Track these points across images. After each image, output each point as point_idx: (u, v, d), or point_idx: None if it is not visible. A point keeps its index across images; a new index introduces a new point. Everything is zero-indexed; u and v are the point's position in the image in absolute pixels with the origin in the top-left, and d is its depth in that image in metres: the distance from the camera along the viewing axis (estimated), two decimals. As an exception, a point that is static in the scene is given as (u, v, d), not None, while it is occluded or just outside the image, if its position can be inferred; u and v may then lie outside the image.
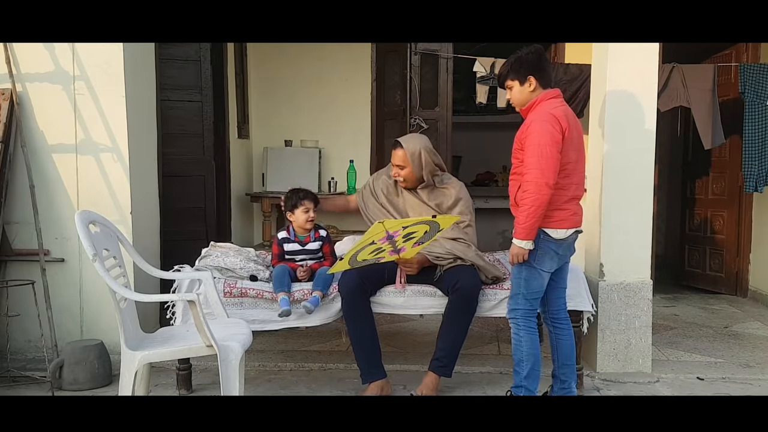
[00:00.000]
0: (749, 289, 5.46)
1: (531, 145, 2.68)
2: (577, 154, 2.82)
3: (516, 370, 2.90)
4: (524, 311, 2.86)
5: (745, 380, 3.47)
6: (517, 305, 2.87)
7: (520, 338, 2.86)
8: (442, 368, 3.12)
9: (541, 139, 2.67)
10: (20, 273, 3.55)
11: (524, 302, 2.86)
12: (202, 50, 4.34)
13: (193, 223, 4.33)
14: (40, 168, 3.55)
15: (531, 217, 2.68)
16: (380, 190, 3.43)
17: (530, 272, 2.82)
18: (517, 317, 2.87)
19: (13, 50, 3.53)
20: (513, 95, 2.88)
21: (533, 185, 2.65)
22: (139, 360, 2.48)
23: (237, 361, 2.54)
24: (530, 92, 2.82)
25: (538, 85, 2.81)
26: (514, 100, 2.89)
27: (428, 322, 3.89)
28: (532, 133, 2.70)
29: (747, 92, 4.84)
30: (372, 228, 2.89)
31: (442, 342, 3.13)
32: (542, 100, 2.79)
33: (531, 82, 2.80)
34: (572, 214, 2.83)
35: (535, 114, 2.76)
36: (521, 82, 2.82)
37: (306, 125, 5.80)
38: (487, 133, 8.03)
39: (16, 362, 3.51)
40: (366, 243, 2.93)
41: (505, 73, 2.88)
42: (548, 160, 2.65)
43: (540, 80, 2.81)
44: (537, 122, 2.71)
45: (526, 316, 2.86)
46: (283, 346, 3.95)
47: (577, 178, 2.84)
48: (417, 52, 4.98)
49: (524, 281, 2.84)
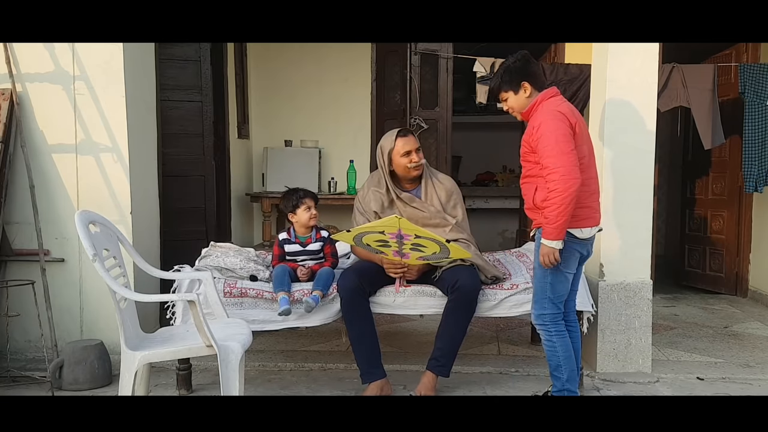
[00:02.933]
0: (749, 289, 5.46)
1: (547, 144, 2.65)
2: (588, 148, 2.81)
3: (555, 375, 2.87)
4: (552, 315, 2.83)
5: (745, 380, 3.47)
6: (545, 309, 2.84)
7: (553, 343, 2.84)
8: (440, 368, 3.12)
9: (556, 136, 2.64)
10: (20, 273, 3.55)
11: (551, 306, 2.83)
12: (202, 50, 4.34)
13: (193, 223, 4.33)
14: (40, 168, 3.55)
15: (562, 215, 2.63)
16: (372, 210, 3.28)
17: (556, 276, 2.80)
18: (547, 322, 2.84)
19: (13, 50, 3.53)
20: (510, 105, 2.87)
21: (560, 183, 2.61)
22: (139, 360, 2.48)
23: (237, 361, 2.54)
24: (526, 98, 2.81)
25: (533, 89, 2.80)
26: (512, 108, 2.87)
27: (428, 322, 3.88)
28: (545, 133, 2.67)
29: (747, 92, 4.84)
30: (387, 219, 2.87)
31: (440, 341, 3.13)
32: (542, 100, 2.78)
33: (525, 88, 2.80)
34: (594, 212, 2.82)
35: (540, 114, 2.74)
36: (515, 91, 2.82)
37: (306, 125, 5.81)
38: (487, 133, 8.04)
39: (16, 362, 3.51)
40: (376, 229, 2.91)
41: (497, 86, 2.87)
42: (568, 155, 2.63)
43: (534, 84, 2.81)
44: (546, 121, 2.69)
45: (555, 320, 2.84)
46: (283, 346, 3.95)
47: (593, 172, 2.83)
48: (417, 52, 4.98)
49: (550, 285, 2.81)
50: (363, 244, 3.02)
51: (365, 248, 3.08)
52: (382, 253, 3.08)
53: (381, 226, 2.90)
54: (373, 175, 3.41)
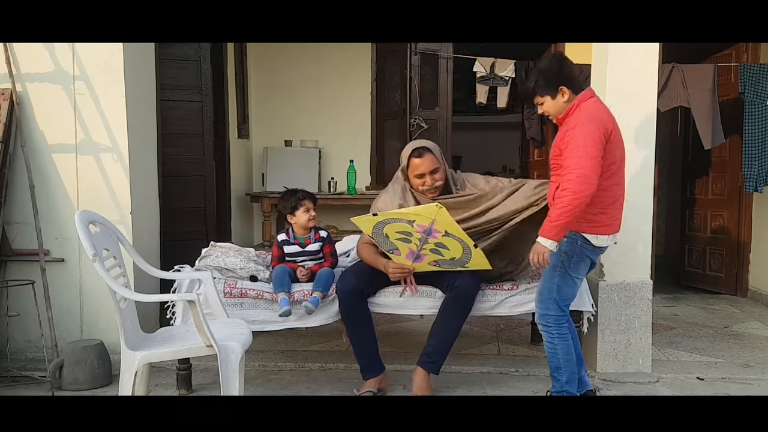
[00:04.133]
0: (749, 289, 5.46)
1: (576, 146, 2.58)
2: (620, 154, 2.75)
3: (555, 376, 2.86)
4: (555, 317, 2.80)
5: (745, 380, 3.47)
6: (548, 310, 2.81)
7: (554, 346, 2.82)
8: (431, 364, 3.09)
9: (585, 140, 2.57)
10: (20, 273, 3.55)
11: (555, 308, 2.79)
12: (202, 50, 4.34)
13: (193, 223, 4.34)
14: (40, 168, 3.55)
15: (564, 215, 2.57)
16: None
17: (564, 279, 2.76)
18: (549, 324, 2.81)
19: (13, 50, 3.53)
20: (547, 109, 2.77)
21: (574, 184, 2.54)
22: (139, 360, 2.48)
23: (237, 361, 2.54)
24: (564, 102, 2.72)
25: (572, 93, 2.71)
26: (549, 112, 2.78)
27: (428, 323, 3.87)
28: (577, 135, 2.59)
29: (747, 92, 4.84)
30: (426, 207, 2.72)
31: (433, 338, 3.12)
32: (581, 101, 2.70)
33: (564, 93, 2.70)
34: (614, 220, 2.76)
35: (577, 116, 2.66)
36: (552, 96, 2.72)
37: (306, 125, 5.81)
38: (487, 133, 8.05)
39: (16, 362, 3.51)
40: (408, 217, 2.78)
41: (531, 90, 2.76)
42: (592, 161, 2.55)
43: (571, 87, 2.71)
44: (582, 124, 2.61)
45: (558, 322, 2.80)
46: (283, 346, 3.95)
47: (619, 178, 2.77)
48: (417, 52, 4.99)
49: (556, 287, 2.78)
50: (382, 234, 2.88)
51: (381, 239, 2.94)
52: (396, 250, 3.00)
53: (415, 214, 2.76)
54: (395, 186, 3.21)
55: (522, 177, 4.95)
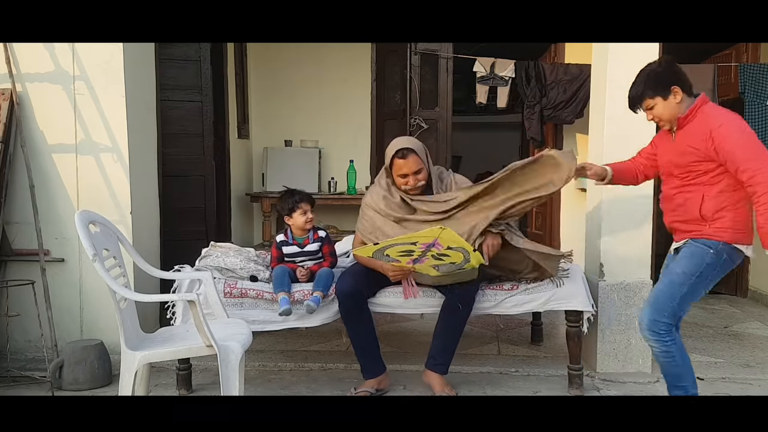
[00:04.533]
0: (749, 289, 5.45)
1: (740, 146, 2.44)
2: None
3: (676, 385, 2.68)
4: (667, 324, 2.62)
5: (745, 380, 3.47)
6: (663, 317, 2.62)
7: (671, 353, 2.63)
8: (438, 366, 3.12)
9: (745, 137, 2.47)
10: (20, 273, 3.55)
11: (671, 316, 2.62)
12: (202, 50, 4.34)
13: (193, 223, 4.34)
14: (40, 168, 3.55)
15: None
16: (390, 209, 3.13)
17: (694, 290, 2.62)
18: (661, 331, 2.62)
19: (13, 50, 3.53)
20: (658, 113, 2.62)
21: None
22: (139, 360, 2.48)
23: (237, 361, 2.54)
24: (677, 104, 2.59)
25: (685, 95, 2.59)
26: (661, 117, 2.63)
27: (428, 322, 3.88)
28: (732, 134, 2.47)
29: (747, 92, 4.84)
30: (428, 231, 2.70)
31: (437, 340, 3.14)
32: (703, 103, 2.59)
33: (676, 93, 2.58)
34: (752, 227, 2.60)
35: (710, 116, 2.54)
36: (665, 97, 2.58)
37: (306, 125, 5.81)
38: (487, 133, 8.05)
39: (16, 362, 3.51)
40: (407, 241, 2.76)
41: (640, 93, 2.62)
42: (765, 152, 2.44)
43: (684, 88, 2.59)
44: (730, 121, 2.50)
45: (669, 329, 2.63)
46: (283, 346, 3.95)
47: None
48: (417, 52, 4.98)
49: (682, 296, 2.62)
50: (383, 255, 2.87)
51: (381, 258, 2.93)
52: (397, 262, 2.96)
53: (415, 239, 2.75)
54: (381, 181, 3.26)
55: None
